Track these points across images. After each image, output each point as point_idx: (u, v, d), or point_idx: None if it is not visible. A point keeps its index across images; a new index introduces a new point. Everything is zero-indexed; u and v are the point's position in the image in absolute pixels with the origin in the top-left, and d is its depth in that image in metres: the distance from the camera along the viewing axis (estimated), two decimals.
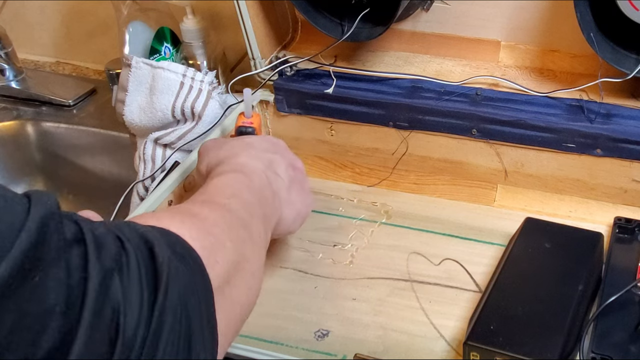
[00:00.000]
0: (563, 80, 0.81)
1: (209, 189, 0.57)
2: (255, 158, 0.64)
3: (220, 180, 0.59)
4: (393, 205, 0.83)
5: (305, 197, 0.69)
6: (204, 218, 0.50)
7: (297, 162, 0.70)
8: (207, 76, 0.87)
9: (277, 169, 0.65)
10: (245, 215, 0.55)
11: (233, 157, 0.63)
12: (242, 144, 0.66)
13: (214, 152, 0.66)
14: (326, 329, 0.69)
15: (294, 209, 0.66)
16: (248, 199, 0.57)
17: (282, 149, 0.69)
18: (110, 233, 0.40)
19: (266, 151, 0.66)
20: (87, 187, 1.11)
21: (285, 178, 0.66)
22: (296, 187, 0.67)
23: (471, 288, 0.72)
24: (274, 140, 0.70)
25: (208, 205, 0.53)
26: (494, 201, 0.82)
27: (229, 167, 0.61)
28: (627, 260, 0.69)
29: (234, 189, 0.58)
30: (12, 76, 1.16)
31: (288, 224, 0.66)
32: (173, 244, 0.44)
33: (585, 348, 0.60)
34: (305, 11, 0.82)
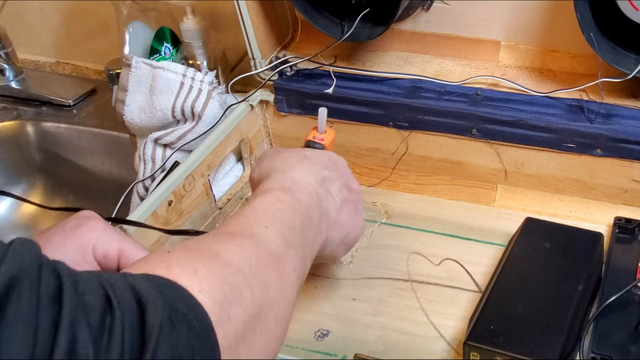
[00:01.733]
0: (563, 80, 0.81)
1: (248, 212, 0.54)
2: (308, 173, 0.61)
3: (264, 201, 0.56)
4: (393, 205, 0.83)
5: (356, 220, 0.65)
6: (226, 262, 0.45)
7: (354, 184, 0.66)
8: (207, 76, 0.87)
9: (330, 187, 0.63)
10: (280, 247, 0.51)
11: (285, 170, 0.60)
12: (298, 156, 0.63)
13: (268, 161, 0.63)
14: (326, 329, 0.69)
15: (342, 231, 0.63)
16: (289, 224, 0.54)
17: (341, 167, 0.66)
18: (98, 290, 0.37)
19: (323, 167, 0.63)
20: (87, 187, 1.11)
21: (337, 198, 0.63)
22: (348, 209, 0.64)
23: (471, 288, 0.72)
24: (335, 157, 0.67)
25: (238, 239, 0.49)
26: (494, 201, 0.82)
27: (277, 183, 0.58)
28: (627, 260, 0.69)
29: (275, 213, 0.54)
30: (12, 76, 1.16)
31: (334, 246, 0.63)
32: (175, 301, 0.40)
33: (585, 348, 0.61)
34: (305, 11, 0.83)
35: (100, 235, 0.56)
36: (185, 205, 0.78)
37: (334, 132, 0.72)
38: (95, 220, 0.58)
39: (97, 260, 0.56)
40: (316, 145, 0.70)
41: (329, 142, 0.71)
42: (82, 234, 0.56)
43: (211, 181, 0.83)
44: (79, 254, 0.56)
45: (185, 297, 0.40)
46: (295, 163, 0.62)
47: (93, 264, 0.56)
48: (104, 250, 0.56)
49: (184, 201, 0.78)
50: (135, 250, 0.57)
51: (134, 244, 0.58)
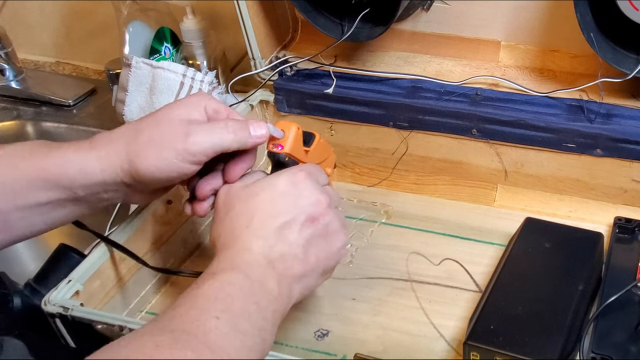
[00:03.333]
0: (563, 80, 0.81)
1: (200, 302, 0.51)
2: (256, 237, 0.57)
3: (213, 286, 0.53)
4: (393, 205, 0.83)
5: (330, 247, 0.60)
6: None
7: (318, 207, 0.59)
8: (207, 76, 0.87)
9: (287, 237, 0.57)
10: (234, 341, 0.50)
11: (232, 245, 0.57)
12: (245, 217, 0.58)
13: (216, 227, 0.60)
14: (326, 329, 0.69)
15: (315, 273, 0.59)
16: (242, 309, 0.52)
17: (297, 196, 0.59)
18: None
19: (275, 215, 0.58)
20: None
21: (298, 245, 0.57)
22: (316, 244, 0.59)
23: (471, 288, 0.72)
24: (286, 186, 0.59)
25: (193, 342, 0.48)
26: (494, 201, 0.82)
27: (225, 263, 0.55)
28: (627, 260, 0.69)
29: (226, 299, 0.52)
30: (12, 76, 1.16)
31: (311, 289, 0.60)
32: None
33: (585, 348, 0.60)
34: (305, 11, 0.83)
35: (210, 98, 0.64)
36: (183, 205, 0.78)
37: (294, 126, 0.64)
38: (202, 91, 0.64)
39: (209, 115, 0.63)
40: (278, 155, 0.63)
41: (292, 142, 0.63)
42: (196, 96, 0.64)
43: None
44: (194, 109, 0.62)
45: None
46: (242, 229, 0.57)
47: (204, 118, 0.62)
48: (216, 106, 0.63)
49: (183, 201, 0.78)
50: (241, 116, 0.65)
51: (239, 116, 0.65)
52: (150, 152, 0.59)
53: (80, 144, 0.60)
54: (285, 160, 0.63)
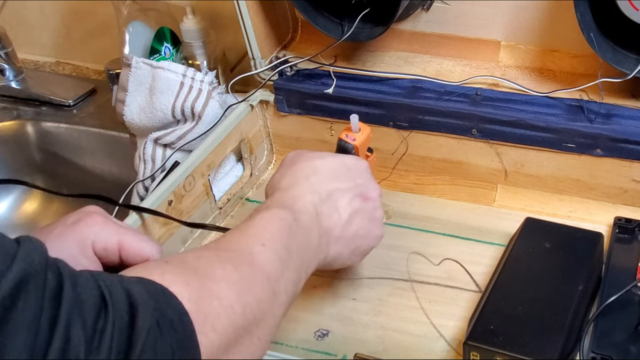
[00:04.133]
0: (563, 80, 0.81)
1: (248, 229, 0.55)
2: (312, 190, 0.61)
3: (264, 216, 0.56)
4: (393, 205, 0.83)
5: (370, 229, 0.64)
6: (219, 279, 0.47)
7: (371, 192, 0.65)
8: (207, 76, 0.87)
9: (337, 201, 0.62)
10: (276, 267, 0.52)
11: (289, 189, 0.61)
12: (307, 170, 0.62)
13: (279, 173, 0.64)
14: (326, 329, 0.69)
15: (350, 245, 0.63)
16: (286, 244, 0.55)
17: (358, 175, 0.65)
18: (95, 290, 0.39)
19: (333, 180, 0.62)
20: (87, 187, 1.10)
21: (345, 212, 0.62)
22: (360, 221, 0.63)
23: (471, 288, 0.72)
24: (352, 163, 0.65)
25: (234, 258, 0.51)
26: (494, 201, 0.82)
27: (280, 202, 0.59)
28: (627, 260, 0.69)
29: (274, 232, 0.55)
30: (12, 76, 1.16)
31: (343, 259, 0.63)
32: (164, 307, 0.42)
33: (585, 348, 0.61)
34: (305, 11, 0.83)
35: (98, 230, 0.57)
36: (185, 205, 0.78)
37: (368, 130, 0.70)
38: (95, 215, 0.58)
39: (97, 254, 0.57)
40: (346, 145, 0.69)
41: (361, 141, 0.69)
42: (81, 229, 0.57)
43: (211, 181, 0.83)
44: (78, 248, 0.56)
45: (174, 303, 0.43)
46: (301, 179, 0.62)
47: (92, 258, 0.57)
48: (103, 244, 0.57)
49: (184, 201, 0.78)
50: (135, 241, 0.58)
51: (134, 235, 0.58)
52: None
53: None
54: (352, 152, 0.69)
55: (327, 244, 0.60)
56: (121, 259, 0.58)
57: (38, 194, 1.14)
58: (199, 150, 0.80)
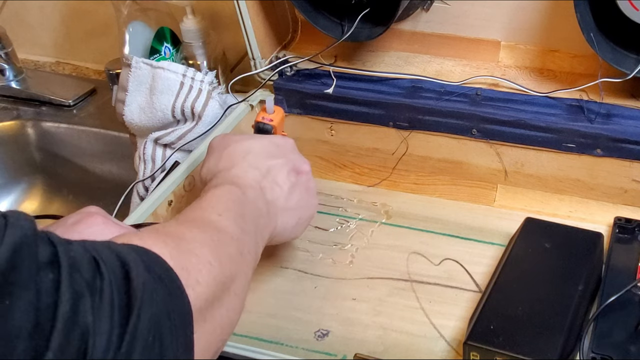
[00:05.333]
0: (563, 80, 0.81)
1: (202, 204, 0.57)
2: (252, 167, 0.64)
3: (214, 193, 0.59)
4: (393, 205, 0.83)
5: (308, 200, 0.68)
6: (191, 239, 0.50)
7: (303, 165, 0.68)
8: (207, 76, 0.87)
9: (276, 176, 0.65)
10: (235, 231, 0.55)
11: (229, 168, 0.64)
12: (241, 151, 0.66)
13: (214, 158, 0.66)
14: (326, 329, 0.69)
15: (294, 215, 0.66)
16: (240, 213, 0.57)
17: (288, 151, 0.68)
18: (87, 254, 0.40)
19: (268, 157, 0.66)
20: (87, 187, 1.11)
21: (284, 185, 0.65)
22: (299, 192, 0.67)
23: (471, 288, 0.72)
24: (280, 141, 0.69)
25: (197, 225, 0.53)
26: (494, 201, 0.82)
27: (225, 180, 0.62)
28: (627, 260, 0.69)
29: (227, 202, 0.58)
30: (12, 76, 1.16)
31: (289, 230, 0.66)
32: (152, 265, 0.43)
33: (585, 348, 0.60)
34: (305, 11, 0.82)
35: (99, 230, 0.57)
36: (185, 205, 0.78)
37: (282, 111, 0.75)
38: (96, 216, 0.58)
39: None
40: (266, 126, 0.72)
41: (278, 122, 0.73)
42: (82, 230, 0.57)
43: None
44: None
45: (159, 261, 0.45)
46: (238, 159, 0.64)
47: None
48: None
49: (184, 201, 0.78)
50: None
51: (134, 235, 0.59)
52: None
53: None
54: (271, 132, 0.73)
55: (274, 214, 0.64)
56: None
57: (38, 194, 1.14)
58: (199, 150, 0.80)
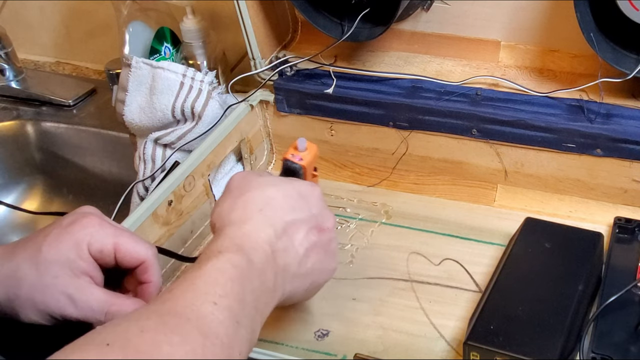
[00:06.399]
0: (563, 80, 0.81)
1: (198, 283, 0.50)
2: (267, 224, 0.56)
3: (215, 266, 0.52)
4: (393, 205, 0.83)
5: (327, 262, 0.61)
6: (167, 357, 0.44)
7: (327, 222, 0.61)
8: (207, 76, 0.87)
9: (293, 236, 0.58)
10: (229, 329, 0.48)
11: (242, 224, 0.56)
12: (259, 201, 0.58)
13: (228, 205, 0.58)
14: (326, 329, 0.69)
15: (306, 280, 0.60)
16: (239, 296, 0.51)
17: (313, 204, 0.60)
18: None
19: (288, 211, 0.58)
20: (87, 187, 1.11)
21: (301, 246, 0.58)
22: (316, 255, 0.60)
23: (471, 288, 0.72)
24: (306, 190, 0.61)
25: (184, 326, 0.46)
26: (494, 201, 0.82)
27: (232, 241, 0.55)
28: (627, 260, 0.69)
29: (226, 283, 0.50)
30: (12, 76, 1.16)
31: (298, 296, 0.60)
32: None
33: (585, 348, 0.61)
34: (305, 11, 0.83)
35: (94, 232, 0.57)
36: (185, 205, 0.78)
37: (315, 149, 0.66)
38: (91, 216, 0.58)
39: (93, 256, 0.57)
40: (294, 165, 0.64)
41: (309, 161, 0.65)
42: (77, 231, 0.56)
43: (211, 181, 0.83)
44: (74, 250, 0.56)
45: None
46: (254, 212, 0.57)
47: (89, 260, 0.57)
48: (99, 246, 0.57)
49: (184, 201, 0.78)
50: (131, 243, 0.57)
51: (130, 236, 0.58)
52: (30, 311, 0.56)
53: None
54: (300, 172, 0.64)
55: (282, 282, 0.57)
56: (116, 260, 0.58)
57: (38, 194, 1.14)
58: (199, 150, 0.80)
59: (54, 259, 0.56)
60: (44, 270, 0.55)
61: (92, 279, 0.57)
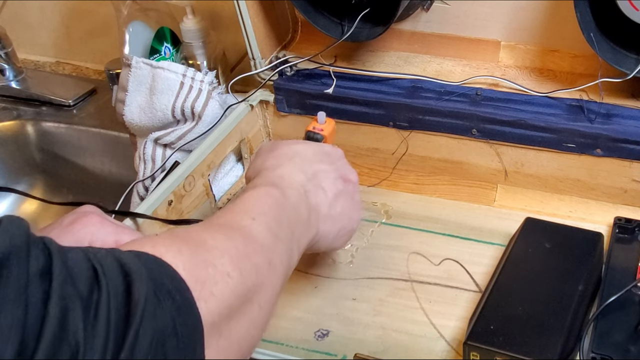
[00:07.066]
0: (563, 80, 0.81)
1: (237, 206, 0.54)
2: (298, 170, 0.61)
3: (252, 194, 0.56)
4: (393, 205, 0.83)
5: (353, 211, 0.65)
6: (211, 247, 0.47)
7: (350, 175, 0.66)
8: (207, 76, 0.87)
9: (322, 181, 0.62)
10: (267, 238, 0.52)
11: (275, 168, 0.61)
12: (290, 152, 0.63)
13: (261, 159, 0.63)
14: (326, 329, 0.69)
15: (337, 224, 0.63)
16: (276, 217, 0.54)
17: (336, 159, 0.66)
18: (86, 264, 0.38)
19: (315, 161, 0.63)
20: (87, 187, 1.11)
21: (330, 191, 0.63)
22: (344, 201, 0.64)
23: (471, 288, 0.72)
24: (330, 149, 0.67)
25: (225, 229, 0.50)
26: (494, 201, 0.82)
27: (267, 180, 0.59)
28: (627, 260, 0.69)
29: (263, 206, 0.55)
30: (12, 76, 1.16)
31: (330, 239, 0.63)
32: (159, 276, 0.41)
33: (585, 348, 0.61)
34: (305, 11, 0.83)
35: (95, 230, 0.57)
36: (185, 205, 0.78)
37: (333, 122, 0.73)
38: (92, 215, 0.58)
39: None
40: (316, 135, 0.71)
41: (329, 133, 0.71)
42: (78, 230, 0.56)
43: (211, 181, 0.83)
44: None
45: (170, 272, 0.42)
46: (285, 160, 0.62)
47: None
48: (100, 245, 0.56)
49: (184, 201, 0.78)
50: None
51: (131, 234, 0.58)
52: None
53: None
54: (322, 141, 0.70)
55: (316, 220, 0.61)
56: None
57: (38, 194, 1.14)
58: (199, 150, 0.80)
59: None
60: None
61: None
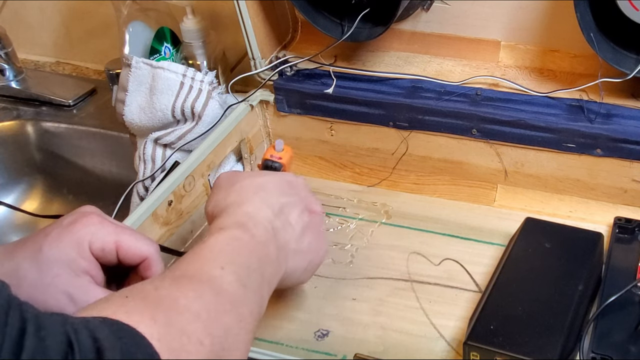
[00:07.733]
0: (563, 80, 0.81)
1: (205, 252, 0.53)
2: (264, 204, 0.60)
3: (218, 239, 0.54)
4: (393, 205, 0.83)
5: (319, 243, 0.64)
6: (184, 309, 0.46)
7: (315, 205, 0.65)
8: (207, 76, 0.87)
9: (289, 215, 0.61)
10: (238, 290, 0.51)
11: (240, 204, 0.59)
12: (253, 186, 0.61)
13: (223, 193, 0.61)
14: (326, 329, 0.69)
15: (305, 258, 0.62)
16: (245, 264, 0.53)
17: (300, 190, 0.65)
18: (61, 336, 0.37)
19: (280, 194, 0.62)
20: (87, 187, 1.11)
21: (297, 225, 0.62)
22: (311, 234, 0.63)
23: (471, 288, 0.72)
24: (292, 179, 0.65)
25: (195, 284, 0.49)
26: (494, 201, 0.82)
27: (233, 219, 0.57)
28: (627, 260, 0.69)
29: (232, 253, 0.53)
30: (12, 76, 1.16)
31: (298, 275, 0.62)
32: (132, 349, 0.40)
33: (585, 348, 0.61)
34: (305, 11, 0.82)
35: (95, 230, 0.57)
36: (185, 205, 0.78)
37: (291, 150, 0.72)
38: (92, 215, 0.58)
39: (95, 255, 0.57)
40: (274, 164, 0.70)
41: (287, 160, 0.71)
42: (78, 230, 0.56)
43: (211, 181, 0.83)
44: (75, 250, 0.56)
45: (144, 345, 0.41)
46: (250, 194, 0.60)
47: (90, 259, 0.57)
48: (100, 244, 0.57)
49: (184, 201, 0.78)
50: (133, 241, 0.58)
51: (132, 234, 0.58)
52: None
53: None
54: (280, 170, 0.70)
55: (285, 257, 0.59)
56: (119, 258, 0.58)
57: (38, 194, 1.14)
58: (199, 150, 0.80)
59: (54, 258, 0.56)
60: (44, 270, 0.55)
61: (92, 278, 0.57)
